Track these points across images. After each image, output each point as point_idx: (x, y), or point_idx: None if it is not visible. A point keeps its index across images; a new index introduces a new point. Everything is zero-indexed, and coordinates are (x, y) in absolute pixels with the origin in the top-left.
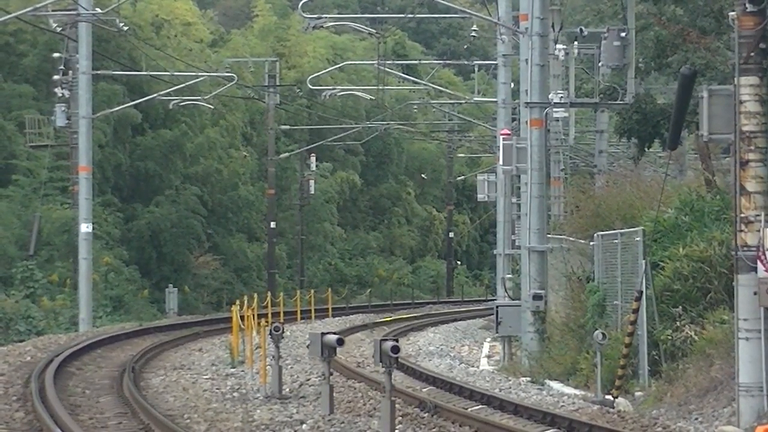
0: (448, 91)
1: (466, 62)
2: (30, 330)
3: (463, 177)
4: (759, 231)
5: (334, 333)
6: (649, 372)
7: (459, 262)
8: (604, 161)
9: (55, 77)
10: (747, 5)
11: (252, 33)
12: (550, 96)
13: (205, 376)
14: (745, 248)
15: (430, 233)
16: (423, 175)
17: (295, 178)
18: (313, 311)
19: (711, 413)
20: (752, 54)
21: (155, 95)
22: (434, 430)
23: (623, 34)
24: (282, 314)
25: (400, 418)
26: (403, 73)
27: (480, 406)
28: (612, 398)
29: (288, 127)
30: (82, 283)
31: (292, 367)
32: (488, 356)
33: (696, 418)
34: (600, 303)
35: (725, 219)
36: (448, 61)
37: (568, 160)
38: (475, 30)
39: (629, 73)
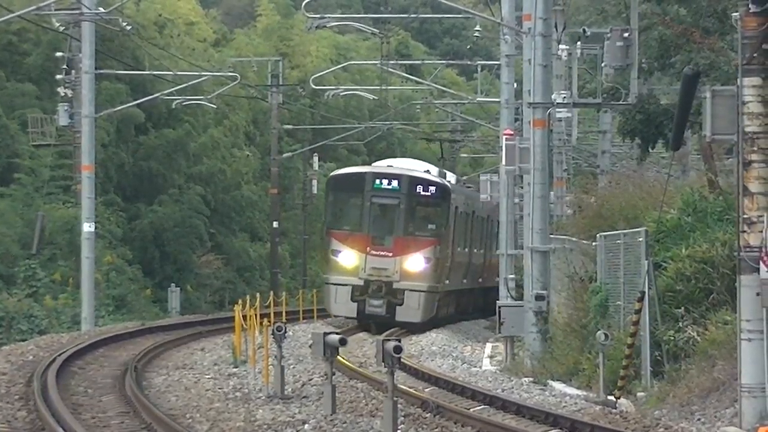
0: (451, 91)
1: (469, 62)
2: (32, 329)
3: (466, 177)
4: (762, 232)
5: (337, 333)
6: (651, 373)
7: None
8: (606, 161)
9: (58, 76)
10: (750, 6)
11: (255, 32)
12: (553, 96)
13: (207, 376)
14: (748, 249)
15: None
16: None
17: (298, 177)
18: (315, 311)
19: (713, 414)
20: (755, 54)
21: (158, 95)
22: (436, 430)
23: (626, 35)
24: (284, 314)
25: (403, 418)
26: (406, 73)
27: (482, 407)
28: (614, 399)
29: (291, 126)
30: (85, 283)
31: (294, 367)
32: (491, 356)
33: (698, 419)
34: (602, 303)
35: (728, 220)
36: (451, 61)
37: (570, 161)
38: (478, 30)
39: (632, 73)
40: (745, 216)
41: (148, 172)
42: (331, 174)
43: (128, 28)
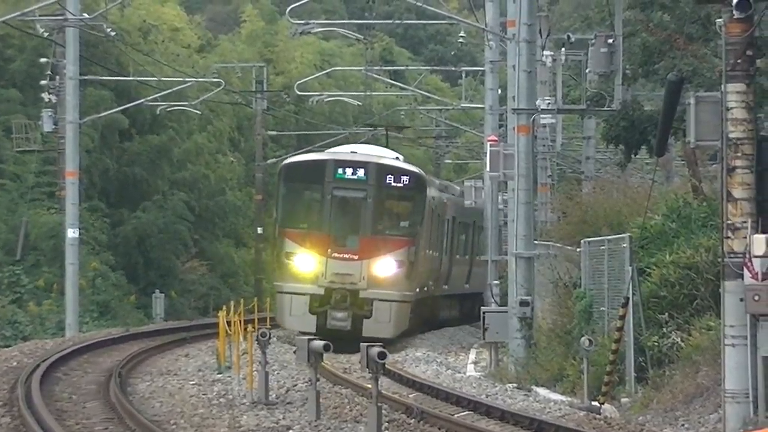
0: (435, 97)
1: (453, 68)
2: (16, 335)
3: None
4: (746, 238)
5: (321, 339)
6: (635, 378)
7: None
8: (591, 167)
9: (43, 82)
10: (734, 12)
11: (240, 38)
12: (537, 102)
13: (191, 382)
14: (732, 255)
15: None
16: None
17: None
18: None
19: (697, 419)
20: (739, 61)
21: (143, 100)
22: None
23: (610, 41)
24: (269, 320)
25: (387, 424)
26: (391, 79)
27: (467, 412)
28: (598, 404)
29: (275, 132)
30: (69, 289)
31: (278, 373)
32: (475, 362)
33: (682, 425)
34: (587, 309)
35: (712, 226)
36: (435, 67)
37: (555, 167)
38: (462, 36)
39: (616, 79)
40: (729, 222)
41: (132, 178)
42: (284, 162)
43: (113, 34)
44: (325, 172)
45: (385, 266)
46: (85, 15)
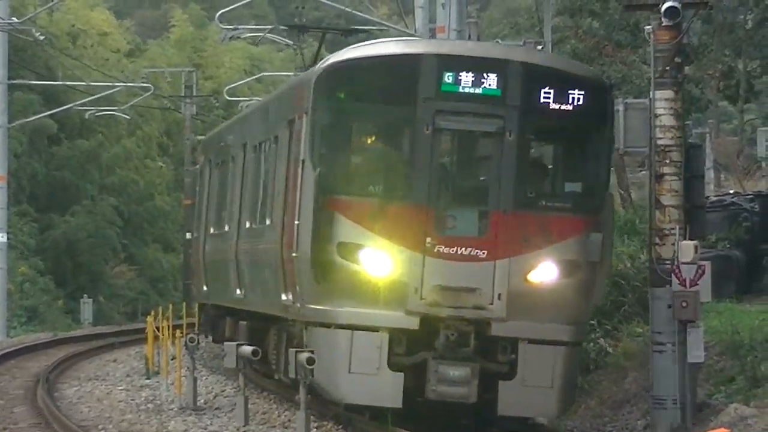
0: None
1: None
2: None
3: None
4: (674, 244)
5: (250, 344)
6: None
7: None
8: None
9: None
10: (663, 19)
11: (169, 43)
12: None
13: (119, 387)
14: (660, 261)
15: None
16: None
17: None
18: None
19: (625, 426)
20: (668, 68)
21: (71, 105)
22: None
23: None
24: (198, 325)
25: (315, 430)
26: None
27: None
28: None
29: (204, 137)
30: None
31: (207, 378)
32: None
33: (610, 431)
34: None
35: (635, 233)
36: None
37: None
38: None
39: None
40: (657, 228)
41: (61, 183)
42: (324, 63)
43: (41, 38)
44: (418, 78)
45: (543, 272)
46: (14, 19)
